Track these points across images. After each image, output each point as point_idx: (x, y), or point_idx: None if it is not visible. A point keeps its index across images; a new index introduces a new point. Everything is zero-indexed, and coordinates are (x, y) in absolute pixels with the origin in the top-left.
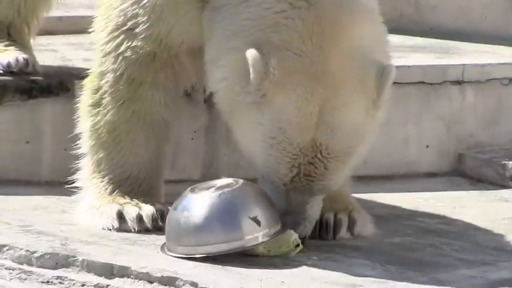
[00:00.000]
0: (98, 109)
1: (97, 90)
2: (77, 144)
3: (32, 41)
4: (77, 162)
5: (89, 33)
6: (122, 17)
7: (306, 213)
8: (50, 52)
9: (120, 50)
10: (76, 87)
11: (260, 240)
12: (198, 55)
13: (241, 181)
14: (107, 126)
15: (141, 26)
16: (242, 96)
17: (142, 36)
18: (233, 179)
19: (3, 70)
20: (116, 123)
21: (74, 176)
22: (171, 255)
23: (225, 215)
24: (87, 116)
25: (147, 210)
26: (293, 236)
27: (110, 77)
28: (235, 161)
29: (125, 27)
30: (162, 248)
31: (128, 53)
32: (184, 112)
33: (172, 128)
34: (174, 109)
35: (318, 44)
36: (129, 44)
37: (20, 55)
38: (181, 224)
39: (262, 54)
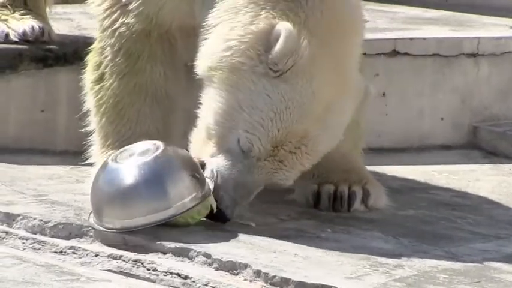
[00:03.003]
0: (101, 84)
1: (98, 65)
2: (87, 121)
3: (47, 9)
4: (87, 139)
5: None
6: None
7: (248, 199)
8: (66, 21)
9: (116, 26)
10: None
11: (189, 205)
12: (191, 32)
13: (161, 146)
14: (110, 100)
15: (133, 2)
16: (253, 62)
17: (134, 13)
18: (152, 142)
19: (19, 38)
20: (119, 97)
21: (86, 154)
22: (100, 229)
23: (151, 184)
24: (91, 93)
25: None
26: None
27: (108, 51)
28: None
29: (121, 3)
30: (89, 218)
31: (123, 29)
32: (195, 82)
33: (177, 98)
34: (176, 81)
35: (338, 41)
36: (123, 20)
37: (35, 24)
38: (107, 198)
39: (295, 31)
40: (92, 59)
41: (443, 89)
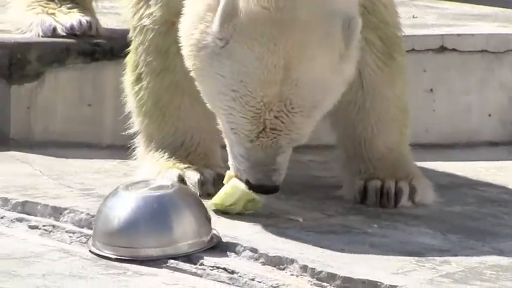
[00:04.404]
0: (140, 84)
1: (136, 66)
2: (130, 123)
3: (94, 3)
4: (132, 141)
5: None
6: None
7: (276, 164)
8: (113, 15)
9: (143, 21)
10: None
11: (188, 249)
12: None
13: (177, 185)
14: (150, 99)
15: None
16: (203, 43)
17: (154, 1)
18: (171, 181)
19: (66, 32)
20: (157, 95)
21: (132, 156)
22: (98, 253)
23: (157, 218)
24: (131, 94)
25: (208, 174)
26: (247, 196)
27: (141, 50)
28: None
29: None
30: (88, 243)
31: (148, 22)
32: None
33: None
34: None
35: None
36: (147, 11)
37: (83, 18)
38: (112, 224)
39: None
40: (130, 60)
41: (491, 86)
